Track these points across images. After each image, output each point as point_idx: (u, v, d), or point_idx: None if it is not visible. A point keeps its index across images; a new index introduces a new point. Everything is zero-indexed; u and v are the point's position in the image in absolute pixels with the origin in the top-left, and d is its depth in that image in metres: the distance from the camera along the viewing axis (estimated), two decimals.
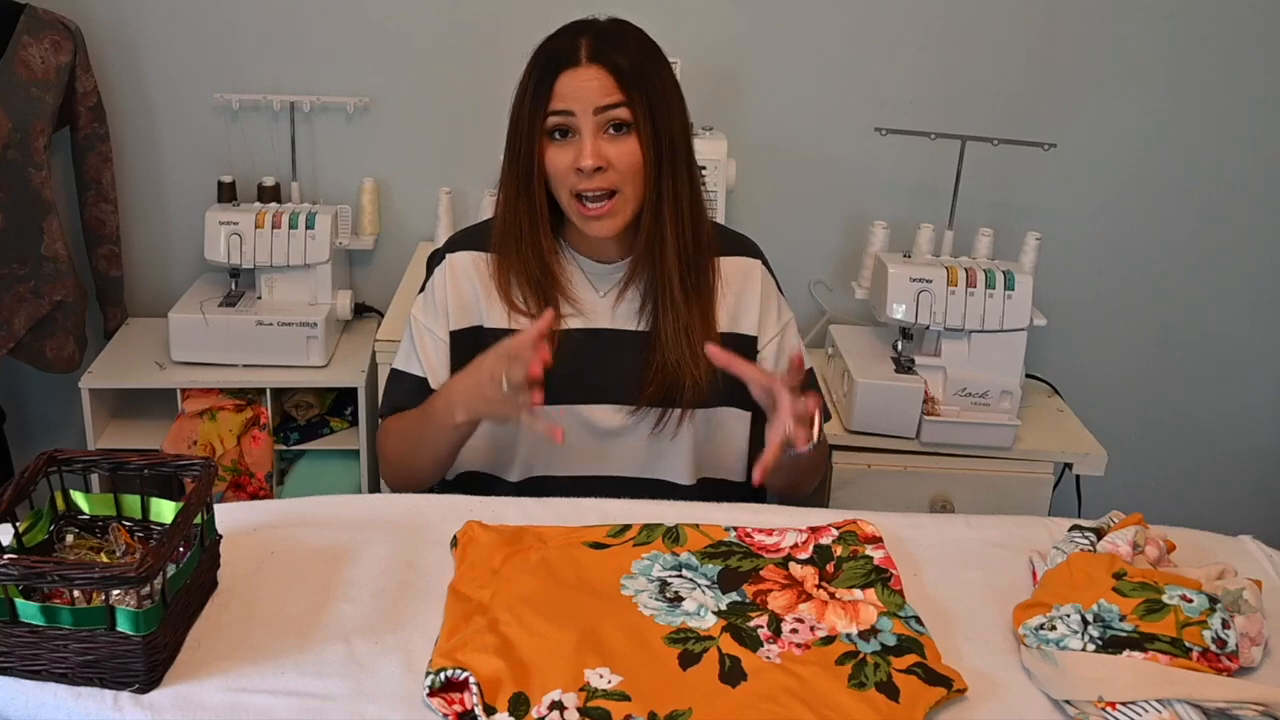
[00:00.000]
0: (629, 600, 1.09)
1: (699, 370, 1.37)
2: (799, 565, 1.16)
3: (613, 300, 1.42)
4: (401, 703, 0.95)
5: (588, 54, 1.29)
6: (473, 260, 1.42)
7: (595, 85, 1.28)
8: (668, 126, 1.32)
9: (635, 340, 1.40)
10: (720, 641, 1.03)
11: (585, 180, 1.30)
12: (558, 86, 1.29)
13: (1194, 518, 1.38)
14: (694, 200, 1.37)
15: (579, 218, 1.33)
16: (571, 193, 1.32)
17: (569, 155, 1.30)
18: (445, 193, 2.26)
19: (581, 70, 1.28)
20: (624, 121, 1.29)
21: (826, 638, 1.05)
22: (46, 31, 2.04)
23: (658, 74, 1.32)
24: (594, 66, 1.28)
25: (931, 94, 2.28)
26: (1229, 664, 1.01)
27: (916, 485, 2.00)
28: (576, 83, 1.28)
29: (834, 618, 1.08)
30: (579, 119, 1.29)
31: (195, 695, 0.96)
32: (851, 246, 2.33)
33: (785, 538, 1.20)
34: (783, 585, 1.13)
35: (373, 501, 1.35)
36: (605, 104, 1.28)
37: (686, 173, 1.35)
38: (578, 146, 1.29)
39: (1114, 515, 1.21)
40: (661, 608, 1.08)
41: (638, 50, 1.32)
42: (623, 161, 1.30)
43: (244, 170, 2.26)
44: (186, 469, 1.09)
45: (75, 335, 2.23)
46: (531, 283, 1.38)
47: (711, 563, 1.15)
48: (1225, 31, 2.26)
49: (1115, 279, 2.44)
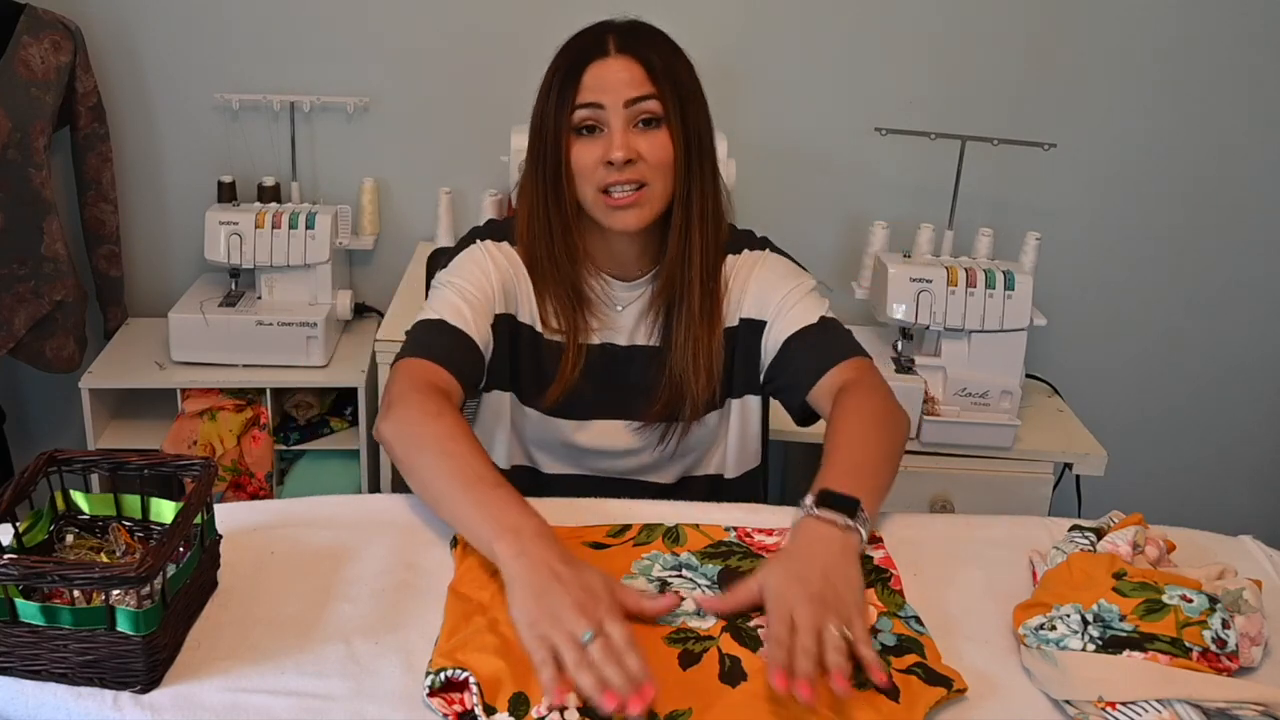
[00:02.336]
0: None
1: (699, 384, 1.35)
2: None
3: (633, 315, 1.39)
4: (401, 703, 0.95)
5: (616, 46, 1.26)
6: (506, 252, 1.37)
7: (625, 76, 1.24)
8: (696, 122, 1.29)
9: (646, 355, 1.39)
10: (720, 641, 1.03)
11: (615, 173, 1.25)
12: (586, 78, 1.25)
13: (1194, 518, 1.38)
14: (717, 200, 1.34)
15: (605, 212, 1.28)
16: (598, 188, 1.27)
17: (597, 150, 1.26)
18: (445, 193, 2.26)
19: (611, 61, 1.25)
20: (654, 115, 1.26)
21: None
22: (46, 31, 2.04)
23: (685, 69, 1.30)
24: (623, 57, 1.25)
25: (931, 94, 2.28)
26: (1229, 664, 1.01)
27: (916, 485, 2.00)
28: (606, 73, 1.24)
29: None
30: (608, 112, 1.25)
31: (195, 695, 0.95)
32: (851, 246, 2.33)
33: (786, 537, 1.20)
34: None
35: (373, 501, 1.35)
36: (636, 96, 1.24)
37: (712, 172, 1.33)
38: (607, 140, 1.25)
39: (1114, 515, 1.21)
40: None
41: (664, 45, 1.29)
42: (654, 155, 1.26)
43: (244, 170, 2.26)
44: (186, 469, 1.09)
45: (75, 335, 2.23)
46: (562, 297, 1.34)
47: (711, 563, 1.15)
48: (1225, 32, 2.26)
49: (1115, 279, 2.44)
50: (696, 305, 1.34)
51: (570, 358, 1.35)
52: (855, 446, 1.19)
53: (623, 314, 1.39)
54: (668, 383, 1.36)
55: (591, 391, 1.37)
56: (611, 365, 1.38)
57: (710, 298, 1.35)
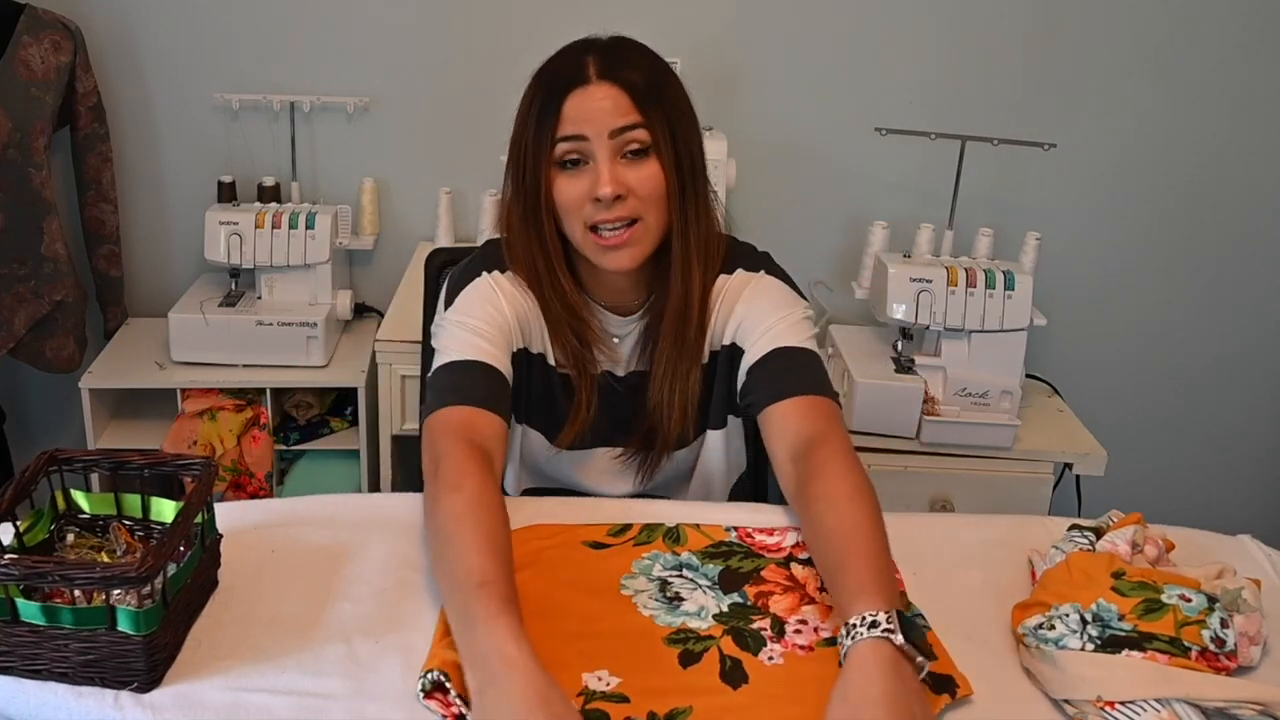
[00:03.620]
0: (628, 600, 1.09)
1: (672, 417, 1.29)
2: (800, 566, 1.15)
3: (629, 346, 1.32)
4: (401, 702, 0.95)
5: (597, 71, 1.17)
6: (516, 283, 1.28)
7: (609, 105, 1.15)
8: (687, 146, 1.21)
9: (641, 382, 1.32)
10: (721, 643, 1.03)
11: (603, 211, 1.17)
12: (566, 109, 1.16)
13: (1194, 518, 1.38)
14: (712, 225, 1.26)
15: (595, 251, 1.20)
16: (586, 225, 1.19)
17: (582, 185, 1.17)
18: (445, 193, 2.26)
19: (592, 89, 1.16)
20: (643, 144, 1.17)
21: (830, 639, 1.04)
22: (46, 31, 2.04)
23: (672, 89, 1.21)
24: (605, 84, 1.16)
25: (931, 94, 2.28)
26: (1228, 663, 1.01)
27: (916, 485, 2.00)
28: (587, 103, 1.16)
29: (837, 618, 1.05)
30: (593, 144, 1.16)
31: (196, 694, 0.96)
32: (851, 246, 2.33)
33: (786, 537, 1.20)
34: (785, 588, 1.12)
35: (373, 501, 1.35)
36: (621, 125, 1.16)
37: (706, 194, 1.25)
38: (593, 174, 1.16)
39: (1113, 514, 1.21)
40: (661, 608, 1.07)
41: (649, 65, 1.20)
42: (644, 187, 1.17)
43: (244, 170, 2.27)
44: (187, 468, 1.09)
45: (75, 335, 2.23)
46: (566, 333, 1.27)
47: (712, 563, 1.15)
48: (1225, 31, 2.26)
49: (1115, 279, 2.44)
50: (682, 336, 1.26)
51: (584, 395, 1.29)
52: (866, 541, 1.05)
53: (619, 346, 1.33)
54: (649, 409, 1.30)
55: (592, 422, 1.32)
56: (611, 395, 1.33)
57: (698, 330, 1.28)
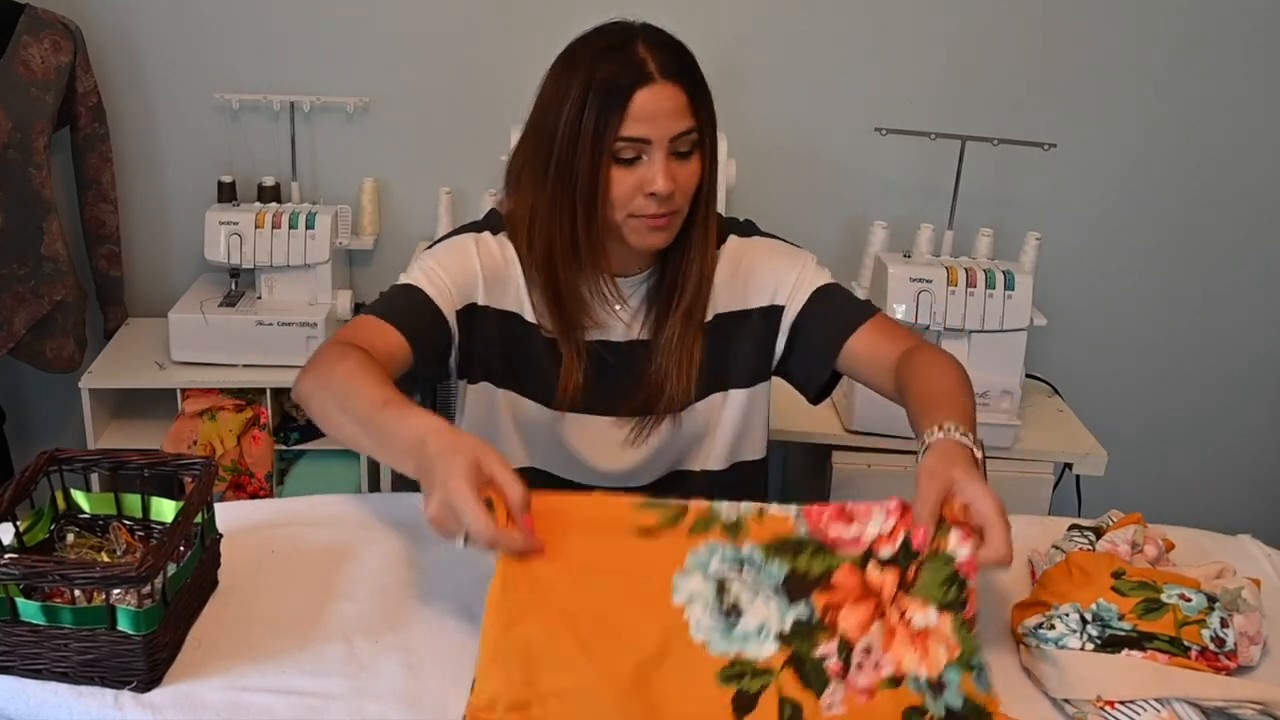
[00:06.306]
0: (680, 616, 0.99)
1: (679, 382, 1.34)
2: (879, 566, 1.03)
3: (630, 312, 1.37)
4: (401, 702, 0.96)
5: (659, 68, 1.20)
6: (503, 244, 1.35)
7: (671, 105, 1.20)
8: (715, 139, 1.28)
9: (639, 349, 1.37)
10: (781, 679, 0.95)
11: (656, 204, 1.23)
12: (634, 107, 1.19)
13: (1194, 518, 1.38)
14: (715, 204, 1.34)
15: (637, 233, 1.26)
16: (630, 213, 1.25)
17: (635, 178, 1.22)
18: (445, 193, 2.26)
19: (658, 88, 1.19)
20: (693, 145, 1.24)
21: (893, 678, 0.97)
22: (46, 31, 2.04)
23: (706, 85, 1.26)
24: (669, 85, 1.20)
25: (931, 94, 2.28)
26: (1227, 663, 1.01)
27: None
28: (654, 104, 1.19)
29: (902, 649, 0.98)
30: (653, 146, 1.21)
31: (196, 694, 0.96)
32: (851, 246, 2.33)
33: (869, 524, 1.06)
34: (857, 597, 1.01)
35: (373, 501, 1.35)
36: (681, 130, 1.21)
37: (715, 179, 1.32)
38: (647, 169, 1.22)
39: (1113, 514, 1.21)
40: (717, 628, 0.98)
41: (694, 62, 1.25)
42: (689, 183, 1.25)
43: (244, 170, 2.27)
44: (187, 468, 1.09)
45: (75, 335, 2.23)
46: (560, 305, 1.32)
47: (779, 559, 1.02)
48: (1225, 31, 2.26)
49: (1115, 279, 2.44)
50: (689, 303, 1.34)
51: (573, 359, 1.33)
52: (959, 395, 1.24)
53: (620, 310, 1.37)
54: (651, 377, 1.35)
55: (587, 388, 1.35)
56: (606, 362, 1.37)
57: (701, 296, 1.35)
